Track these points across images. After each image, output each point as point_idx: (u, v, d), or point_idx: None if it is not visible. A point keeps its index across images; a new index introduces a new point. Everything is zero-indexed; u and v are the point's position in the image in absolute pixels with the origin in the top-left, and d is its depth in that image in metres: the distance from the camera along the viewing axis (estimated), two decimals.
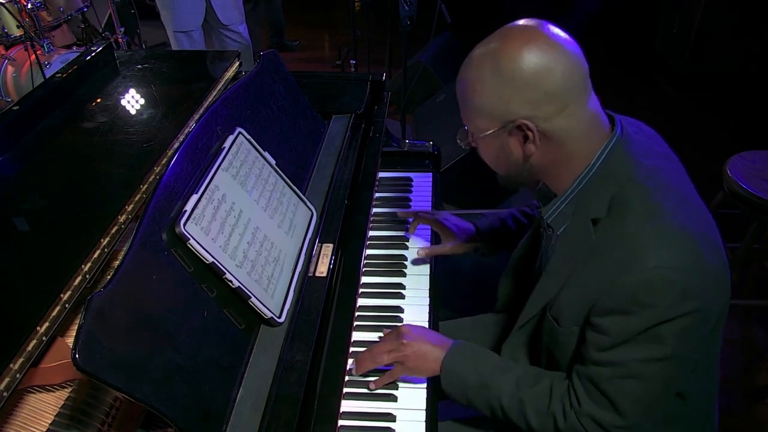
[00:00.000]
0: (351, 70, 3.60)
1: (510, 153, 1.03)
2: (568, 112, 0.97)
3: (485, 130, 1.02)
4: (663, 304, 0.92)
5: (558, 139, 0.99)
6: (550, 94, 0.95)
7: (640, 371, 0.98)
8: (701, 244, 0.95)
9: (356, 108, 1.71)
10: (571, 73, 0.96)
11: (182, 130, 1.34)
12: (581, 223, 1.03)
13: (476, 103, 1.01)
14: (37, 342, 0.87)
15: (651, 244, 0.93)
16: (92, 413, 0.98)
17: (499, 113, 0.99)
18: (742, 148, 2.26)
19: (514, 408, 1.10)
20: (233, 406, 0.98)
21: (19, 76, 3.12)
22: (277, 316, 1.10)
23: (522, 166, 1.05)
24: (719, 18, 3.91)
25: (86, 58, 1.57)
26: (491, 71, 0.97)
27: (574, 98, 0.97)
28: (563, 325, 1.06)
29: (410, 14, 2.56)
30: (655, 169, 1.02)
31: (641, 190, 0.99)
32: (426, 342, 1.18)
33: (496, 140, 1.03)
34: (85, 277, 0.97)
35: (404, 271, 1.50)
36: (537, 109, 0.96)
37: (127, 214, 1.11)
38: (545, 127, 0.98)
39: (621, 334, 0.96)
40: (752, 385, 2.19)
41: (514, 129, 0.99)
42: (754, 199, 2.05)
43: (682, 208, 0.99)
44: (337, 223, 1.34)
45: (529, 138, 0.99)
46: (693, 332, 0.96)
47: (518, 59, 0.94)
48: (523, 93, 0.95)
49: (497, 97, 0.97)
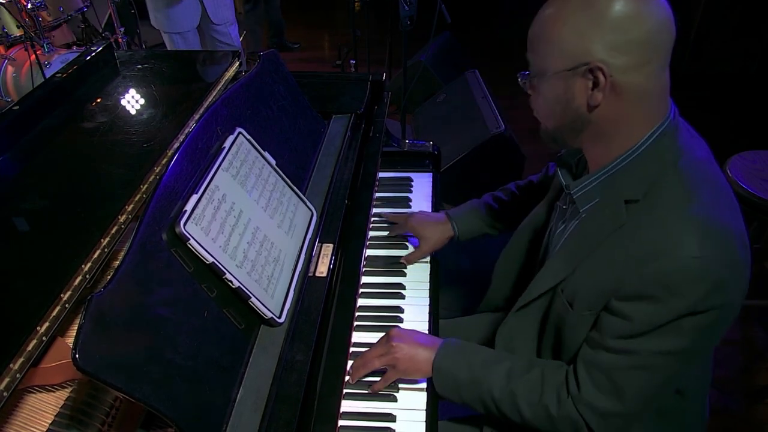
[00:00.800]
0: (351, 70, 3.61)
1: (572, 99, 0.97)
2: (646, 71, 0.92)
3: (555, 68, 0.95)
4: (695, 295, 0.90)
5: (627, 95, 0.94)
6: (635, 43, 0.90)
7: (653, 363, 0.96)
8: (737, 240, 0.93)
9: (356, 108, 1.71)
10: (661, 29, 0.91)
11: (182, 130, 1.34)
12: (612, 204, 1.00)
13: (554, 38, 0.94)
14: (37, 342, 0.87)
15: (690, 232, 0.90)
16: (92, 413, 0.98)
17: (577, 52, 0.92)
18: (742, 148, 2.26)
19: (506, 400, 1.09)
20: (233, 406, 0.98)
21: (19, 76, 3.12)
22: (277, 316, 1.10)
23: (577, 118, 0.99)
24: (719, 18, 3.91)
25: (86, 58, 1.57)
26: (579, 8, 0.91)
27: (656, 57, 0.92)
28: (577, 308, 1.04)
29: (410, 14, 2.56)
30: (700, 162, 0.99)
31: (684, 177, 0.95)
32: (415, 344, 1.18)
33: (562, 82, 0.96)
34: (85, 277, 0.97)
35: (404, 271, 1.50)
36: (617, 56, 0.90)
37: (127, 214, 1.11)
38: (618, 79, 0.92)
39: (645, 322, 0.94)
40: (752, 385, 2.19)
41: (587, 72, 0.92)
42: (754, 199, 2.05)
43: (722, 204, 0.96)
44: (337, 223, 1.34)
45: (599, 85, 0.92)
46: (714, 328, 0.95)
47: (617, 2, 0.89)
48: (608, 34, 0.89)
49: (580, 33, 0.91)
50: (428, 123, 3.48)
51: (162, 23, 3.11)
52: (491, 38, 5.32)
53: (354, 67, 3.59)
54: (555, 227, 1.17)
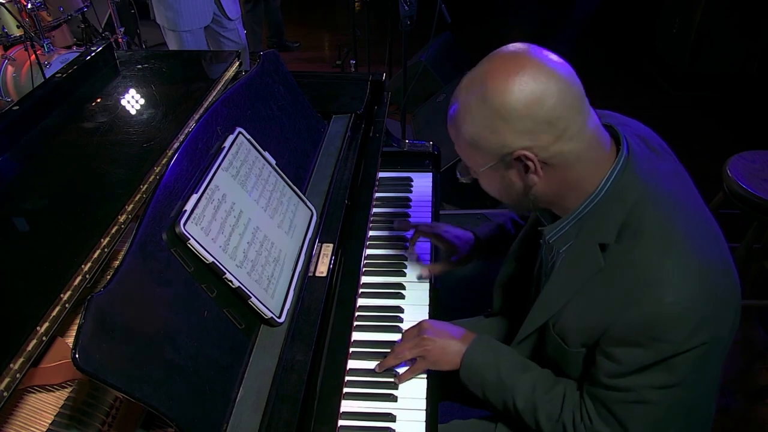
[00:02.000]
0: (351, 70, 3.60)
1: (511, 185, 1.00)
2: (567, 137, 0.92)
3: (483, 164, 0.98)
4: (676, 338, 0.90)
5: (560, 165, 0.95)
6: (545, 122, 0.90)
7: (651, 397, 0.97)
8: (716, 273, 0.94)
9: (356, 108, 1.71)
10: (563, 97, 0.91)
11: (182, 130, 1.34)
12: (587, 246, 1.00)
13: (469, 139, 0.96)
14: (37, 342, 0.87)
15: (664, 278, 0.91)
16: (92, 413, 0.98)
17: (495, 147, 0.94)
18: (742, 148, 2.26)
19: (527, 410, 1.11)
20: (233, 406, 0.98)
21: (19, 76, 3.12)
22: (277, 316, 1.10)
23: (527, 196, 1.01)
24: (719, 18, 3.91)
25: (86, 58, 1.57)
26: (480, 106, 0.93)
27: (571, 122, 0.92)
28: (571, 345, 1.05)
29: (410, 14, 2.56)
30: (666, 191, 0.98)
31: (654, 216, 0.95)
32: (448, 336, 1.20)
33: (495, 173, 0.99)
34: (85, 277, 0.97)
35: (404, 271, 1.50)
36: (534, 139, 0.92)
37: (127, 214, 1.11)
38: (545, 156, 0.93)
39: (633, 363, 0.95)
40: (752, 385, 2.19)
41: (512, 161, 0.95)
42: (754, 199, 2.05)
43: (696, 234, 0.96)
44: (337, 223, 1.34)
45: (530, 168, 0.95)
46: (705, 361, 0.95)
47: (507, 91, 0.90)
48: (516, 125, 0.91)
49: (489, 131, 0.93)
50: (428, 123, 3.48)
51: (174, 21, 3.03)
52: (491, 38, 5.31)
53: (354, 67, 3.58)
54: (546, 258, 1.17)
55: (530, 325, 1.14)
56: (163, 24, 3.10)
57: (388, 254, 1.55)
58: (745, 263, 2.38)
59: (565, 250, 1.06)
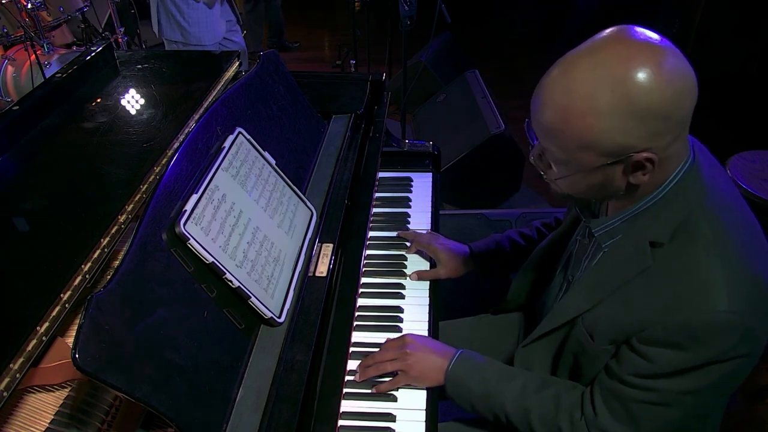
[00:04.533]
0: (351, 70, 3.60)
1: (611, 184, 0.92)
2: (683, 136, 0.88)
3: (590, 165, 0.88)
4: (722, 346, 0.88)
5: (668, 165, 0.90)
6: (678, 121, 0.84)
7: (674, 401, 0.95)
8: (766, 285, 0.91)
9: (356, 108, 1.71)
10: (694, 97, 0.84)
11: (182, 130, 1.34)
12: (636, 244, 0.96)
13: (588, 135, 0.85)
14: (37, 342, 0.87)
15: (720, 285, 0.87)
16: (92, 413, 0.98)
17: (618, 148, 0.85)
18: (742, 148, 2.27)
19: (518, 415, 1.10)
20: (233, 406, 0.98)
21: (19, 76, 3.12)
22: (277, 316, 1.10)
23: (612, 195, 0.95)
24: (719, 18, 3.91)
25: (86, 58, 1.57)
26: (616, 104, 0.81)
27: (688, 120, 0.87)
28: (598, 342, 1.02)
29: (410, 14, 2.56)
30: (727, 201, 0.95)
31: (713, 221, 0.91)
32: (430, 352, 1.18)
33: (599, 173, 0.90)
34: (85, 277, 0.97)
35: (404, 271, 1.50)
36: (660, 140, 0.84)
37: (127, 214, 1.11)
38: (663, 156, 0.87)
39: (666, 366, 0.92)
40: (752, 385, 2.18)
41: (630, 162, 0.87)
42: (754, 199, 2.05)
43: (752, 246, 0.93)
44: (337, 223, 1.34)
45: (646, 169, 0.87)
46: (741, 371, 0.94)
47: (652, 89, 0.80)
48: (652, 126, 0.82)
49: (621, 131, 0.83)
50: (428, 123, 3.48)
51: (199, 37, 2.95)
52: (491, 38, 5.32)
53: (354, 67, 3.59)
54: (577, 258, 1.15)
55: (557, 319, 1.11)
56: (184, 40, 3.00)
57: (388, 254, 1.55)
58: None
59: (609, 245, 1.02)
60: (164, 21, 3.01)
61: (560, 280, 1.22)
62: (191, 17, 2.93)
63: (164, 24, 3.02)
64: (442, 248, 1.49)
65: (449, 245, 1.50)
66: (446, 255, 1.48)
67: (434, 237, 1.53)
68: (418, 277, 1.47)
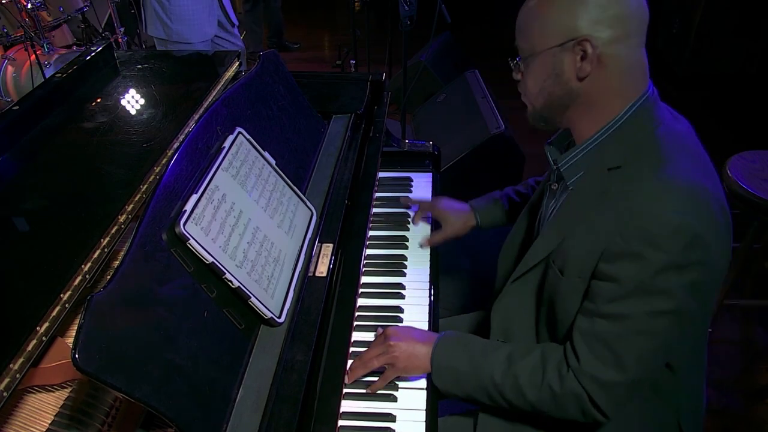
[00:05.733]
0: (351, 70, 3.60)
1: (561, 73, 1.03)
2: (627, 43, 0.99)
3: (544, 46, 1.02)
4: (673, 248, 0.94)
5: (611, 67, 1.00)
6: (618, 17, 0.97)
7: (648, 326, 0.99)
8: (713, 201, 0.98)
9: (356, 108, 1.71)
10: (639, 5, 0.99)
11: (182, 130, 1.34)
12: (596, 173, 1.06)
13: (542, 19, 1.01)
14: (37, 342, 0.87)
15: (665, 192, 0.96)
16: (92, 413, 0.98)
17: (564, 29, 0.99)
18: (742, 148, 2.26)
19: (508, 384, 1.10)
20: (233, 406, 0.98)
21: (19, 76, 3.12)
22: (277, 316, 1.10)
23: (565, 93, 1.05)
24: (719, 18, 3.91)
25: (86, 58, 1.57)
26: None
27: (636, 31, 0.99)
28: (567, 275, 1.07)
29: (410, 14, 2.56)
30: (676, 132, 1.05)
31: (660, 143, 1.01)
32: (412, 340, 1.19)
33: (552, 58, 1.03)
34: (85, 277, 0.97)
35: (404, 271, 1.50)
36: (601, 30, 0.97)
37: (127, 214, 1.11)
38: (603, 51, 0.99)
39: (631, 281, 0.97)
40: (752, 385, 2.19)
41: (575, 45, 0.99)
42: (754, 199, 2.05)
43: (697, 167, 1.02)
44: (337, 223, 1.34)
45: (587, 56, 0.99)
46: (699, 286, 0.98)
47: None
48: (592, 10, 0.97)
49: (566, 11, 0.98)
50: (428, 123, 3.48)
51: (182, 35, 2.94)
52: (491, 38, 5.32)
53: (354, 67, 3.59)
54: (546, 206, 1.23)
55: (529, 260, 1.16)
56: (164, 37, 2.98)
57: (388, 254, 1.55)
58: (745, 263, 2.38)
59: (573, 182, 1.10)
60: (149, 18, 2.99)
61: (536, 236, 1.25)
62: (173, 13, 2.90)
63: (149, 21, 3.00)
64: (446, 208, 1.58)
65: (453, 204, 1.60)
66: (451, 214, 1.57)
67: (437, 199, 1.63)
68: (428, 243, 1.55)
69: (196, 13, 2.93)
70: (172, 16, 2.91)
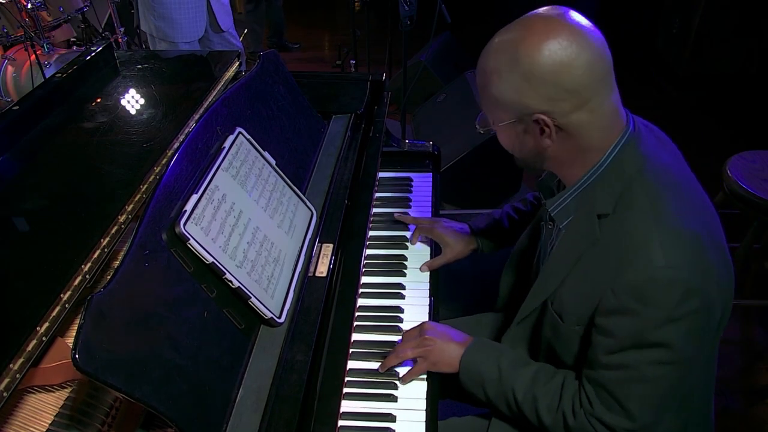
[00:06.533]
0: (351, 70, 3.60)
1: (524, 143, 1.02)
2: (588, 108, 0.95)
3: (502, 120, 1.01)
4: (667, 304, 0.91)
5: (575, 133, 0.98)
6: (569, 90, 0.92)
7: (649, 374, 0.97)
8: (705, 244, 0.95)
9: (356, 108, 1.71)
10: (591, 68, 0.92)
11: (182, 130, 1.34)
12: (586, 218, 1.03)
13: (493, 94, 0.98)
14: (37, 342, 0.87)
15: (654, 243, 0.93)
16: (92, 413, 0.98)
17: (516, 107, 0.97)
18: (742, 148, 2.27)
19: (527, 402, 1.11)
20: (233, 406, 0.98)
21: (19, 76, 3.12)
22: (277, 317, 1.10)
23: (537, 156, 1.04)
24: (719, 18, 3.91)
25: (86, 58, 1.57)
26: (509, 64, 0.94)
27: (594, 94, 0.94)
28: (566, 322, 1.06)
29: (410, 14, 2.56)
30: (664, 167, 1.01)
31: (649, 187, 0.98)
32: (448, 338, 1.21)
33: (512, 130, 1.02)
34: (85, 277, 0.97)
35: (404, 271, 1.50)
36: (555, 105, 0.94)
37: (127, 214, 1.11)
38: (562, 122, 0.96)
39: (626, 336, 0.96)
40: (752, 385, 2.19)
41: (530, 123, 0.97)
42: (754, 199, 2.05)
43: (688, 208, 0.98)
44: (337, 223, 1.34)
45: (545, 132, 0.97)
46: (698, 332, 0.96)
47: (537, 54, 0.91)
48: (540, 89, 0.93)
49: (514, 90, 0.95)
50: (428, 123, 3.48)
51: (165, 33, 2.97)
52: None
53: (354, 67, 3.58)
54: (544, 246, 1.21)
55: (530, 304, 1.16)
56: (151, 33, 3.01)
57: (388, 254, 1.55)
58: (745, 263, 2.38)
59: (565, 225, 1.08)
60: (140, 12, 3.03)
61: (536, 270, 1.25)
62: (156, 11, 2.92)
63: (140, 16, 3.04)
64: (446, 231, 1.52)
65: (453, 227, 1.54)
66: (451, 238, 1.51)
67: (436, 221, 1.56)
68: (428, 268, 1.50)
69: (181, 13, 2.94)
70: (155, 13, 2.93)
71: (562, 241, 1.09)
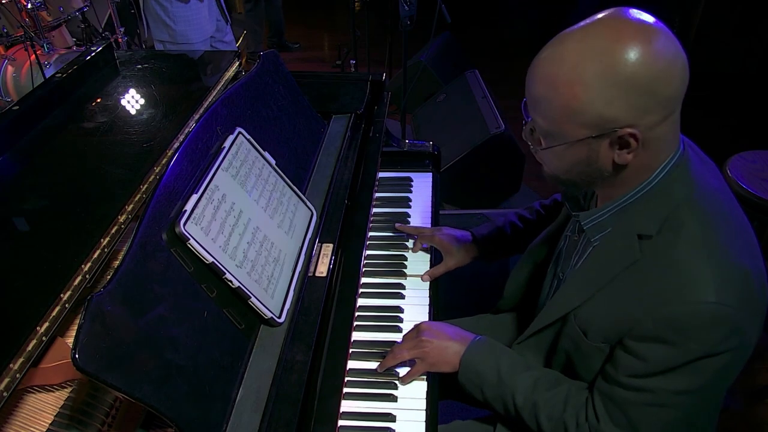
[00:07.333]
0: (351, 70, 3.61)
1: (595, 161, 0.92)
2: (670, 120, 0.88)
3: (575, 136, 0.89)
4: (711, 340, 0.88)
5: (652, 147, 0.89)
6: (662, 101, 0.85)
7: (670, 401, 0.95)
8: (754, 281, 0.91)
9: (356, 108, 1.71)
10: (684, 77, 0.85)
11: (182, 130, 1.34)
12: (624, 237, 0.97)
13: (573, 107, 0.86)
14: (37, 342, 0.87)
15: (706, 277, 0.88)
16: (92, 413, 0.98)
17: (602, 120, 0.86)
18: (742, 148, 2.26)
19: (527, 408, 1.10)
20: (233, 406, 0.98)
21: (19, 76, 3.12)
22: (277, 316, 1.10)
23: (597, 173, 0.94)
24: (719, 18, 3.91)
25: (86, 58, 1.57)
26: (603, 74, 0.83)
27: (677, 105, 0.87)
28: (591, 339, 1.03)
29: (410, 14, 2.56)
30: (712, 194, 0.95)
31: (699, 215, 0.92)
32: (446, 337, 1.19)
33: (584, 148, 0.90)
34: (85, 277, 0.97)
35: (404, 271, 1.50)
36: (643, 118, 0.85)
37: (127, 214, 1.11)
38: (648, 136, 0.87)
39: (659, 363, 0.92)
40: (752, 385, 2.18)
41: (614, 138, 0.87)
42: (754, 199, 2.06)
43: (739, 240, 0.94)
44: (337, 223, 1.34)
45: (630, 146, 0.88)
46: (732, 367, 0.94)
47: (638, 62, 0.81)
48: (635, 100, 0.83)
49: (604, 102, 0.84)
50: (428, 123, 3.48)
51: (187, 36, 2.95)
52: (491, 38, 5.32)
53: (354, 67, 3.59)
54: (567, 256, 1.16)
55: (548, 316, 1.11)
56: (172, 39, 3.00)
57: (388, 254, 1.55)
58: None
59: (598, 239, 1.03)
60: (151, 22, 3.02)
61: (551, 278, 1.22)
62: (176, 15, 2.92)
63: (152, 25, 3.03)
64: (447, 239, 1.50)
65: (454, 234, 1.51)
66: (453, 245, 1.49)
67: (437, 230, 1.54)
68: (430, 277, 1.47)
69: (198, 13, 2.95)
70: (174, 17, 2.93)
71: (594, 256, 1.04)
